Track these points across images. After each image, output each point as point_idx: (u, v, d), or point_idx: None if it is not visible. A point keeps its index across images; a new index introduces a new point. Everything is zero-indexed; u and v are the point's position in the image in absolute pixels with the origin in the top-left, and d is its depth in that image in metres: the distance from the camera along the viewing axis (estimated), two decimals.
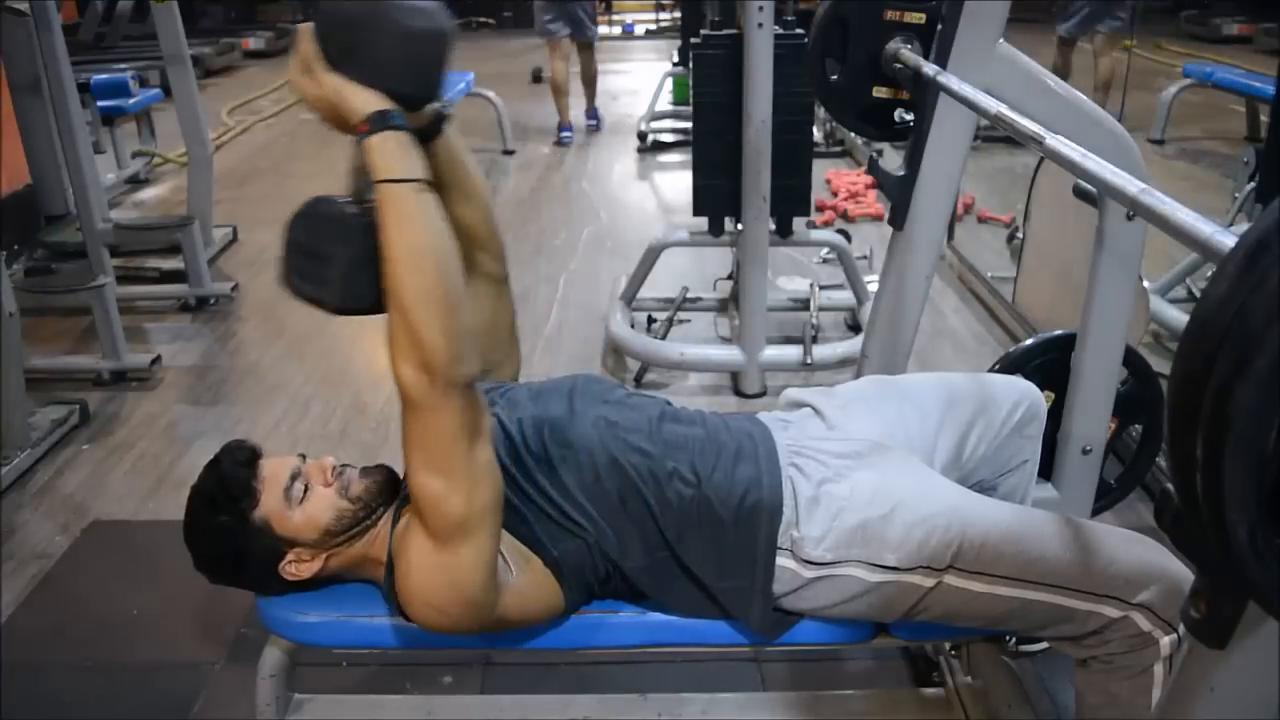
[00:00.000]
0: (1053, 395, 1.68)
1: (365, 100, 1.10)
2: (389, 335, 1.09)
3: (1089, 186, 1.14)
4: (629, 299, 3.33)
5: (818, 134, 5.30)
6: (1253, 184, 3.13)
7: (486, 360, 1.47)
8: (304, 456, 1.35)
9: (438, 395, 1.08)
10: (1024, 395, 1.52)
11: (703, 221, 3.16)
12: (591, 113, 6.61)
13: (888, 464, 1.34)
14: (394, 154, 1.09)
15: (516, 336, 1.59)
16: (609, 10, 11.29)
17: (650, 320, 3.41)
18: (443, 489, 1.11)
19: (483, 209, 1.41)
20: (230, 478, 1.30)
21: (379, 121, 1.09)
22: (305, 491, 1.31)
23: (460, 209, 1.33)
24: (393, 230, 1.08)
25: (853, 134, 5.28)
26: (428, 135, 1.25)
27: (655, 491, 1.28)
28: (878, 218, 4.48)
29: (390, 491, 1.34)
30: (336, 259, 1.14)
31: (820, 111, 4.03)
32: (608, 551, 1.28)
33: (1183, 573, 1.22)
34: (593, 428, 1.32)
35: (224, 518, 1.29)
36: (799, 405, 1.51)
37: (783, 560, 1.27)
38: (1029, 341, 1.80)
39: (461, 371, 1.08)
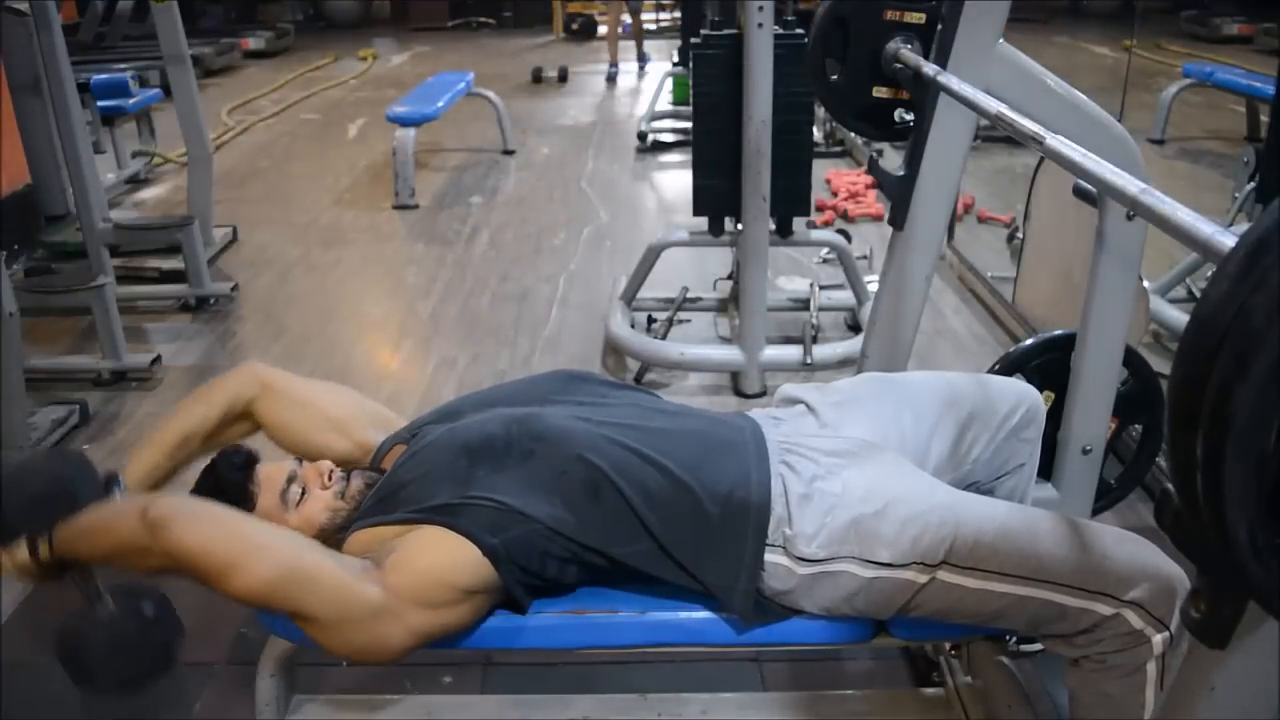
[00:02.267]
0: (1053, 395, 1.68)
1: (19, 555, 1.24)
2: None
3: (1089, 186, 1.14)
4: (629, 299, 3.33)
5: (818, 134, 5.29)
6: (1253, 184, 3.13)
7: (312, 444, 1.49)
8: (300, 461, 1.36)
9: (157, 546, 1.15)
10: (1023, 398, 1.52)
11: (703, 221, 3.16)
12: (642, 57, 8.72)
13: (879, 462, 1.34)
14: (44, 553, 1.23)
15: (326, 408, 1.54)
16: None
17: (650, 320, 3.41)
18: (239, 579, 1.15)
19: (193, 432, 1.46)
20: (227, 482, 1.31)
21: (34, 559, 1.24)
22: (302, 495, 1.31)
23: (193, 448, 1.46)
24: (81, 549, 1.22)
25: (853, 134, 5.28)
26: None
27: (633, 483, 1.27)
28: (878, 218, 4.48)
29: None
30: (92, 638, 1.26)
31: (820, 111, 4.03)
32: (582, 540, 1.26)
33: (1175, 571, 1.22)
34: (565, 421, 1.33)
35: None
36: (794, 402, 1.51)
37: (776, 557, 1.27)
38: (1029, 341, 1.80)
39: (149, 517, 1.16)
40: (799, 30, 2.89)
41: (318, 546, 1.23)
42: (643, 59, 8.77)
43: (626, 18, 10.72)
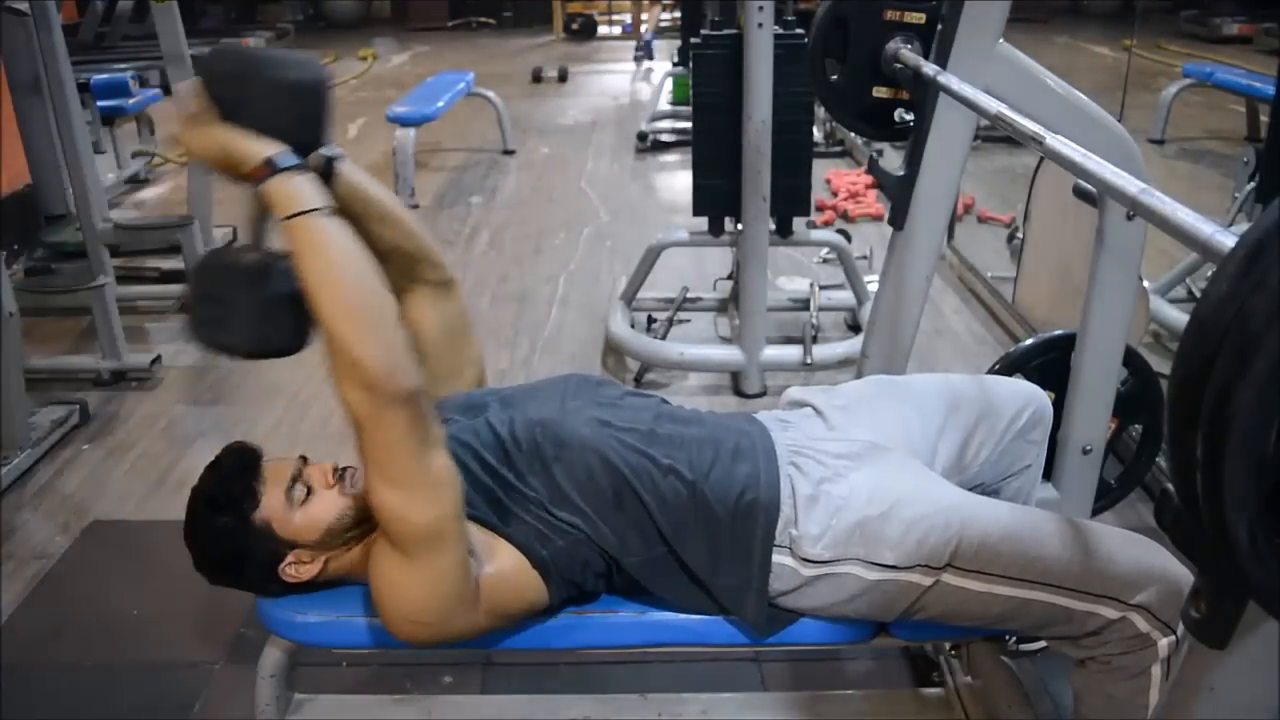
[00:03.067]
0: (1053, 395, 1.68)
1: (258, 147, 1.13)
2: (328, 360, 1.10)
3: (1089, 186, 1.14)
4: (629, 299, 3.33)
5: (818, 134, 5.29)
6: (1253, 184, 3.13)
7: (445, 366, 1.49)
8: (305, 459, 1.35)
9: (383, 410, 1.09)
10: (1029, 399, 1.52)
11: (703, 221, 3.16)
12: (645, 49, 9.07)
13: (886, 464, 1.34)
14: (291, 191, 1.12)
15: (474, 340, 1.57)
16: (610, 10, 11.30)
17: (650, 320, 3.41)
18: (403, 501, 1.13)
19: (403, 225, 1.41)
20: (231, 479, 1.30)
21: (273, 165, 1.12)
22: (308, 494, 1.31)
23: (379, 232, 1.35)
24: (307, 259, 1.10)
25: (853, 134, 5.28)
26: (322, 178, 1.26)
27: (651, 489, 1.28)
28: (878, 218, 4.48)
29: None
30: (238, 304, 1.18)
31: (820, 111, 4.03)
32: (605, 548, 1.28)
33: (1182, 574, 1.22)
34: (586, 426, 1.32)
35: (225, 519, 1.29)
36: (800, 405, 1.51)
37: (782, 558, 1.27)
38: (1029, 341, 1.81)
39: (401, 384, 1.09)
40: (799, 30, 2.89)
41: (464, 518, 1.20)
42: (644, 51, 8.99)
43: (628, 17, 10.74)
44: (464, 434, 1.34)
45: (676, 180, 5.31)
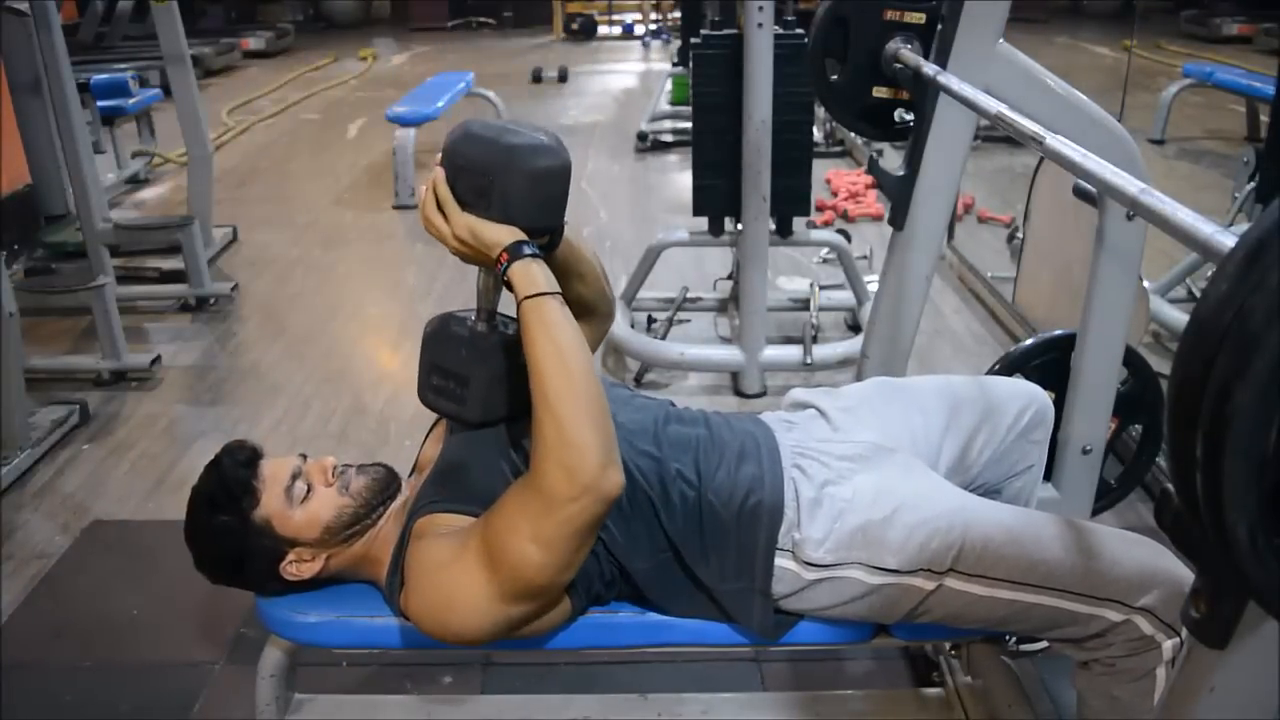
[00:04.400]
0: (1052, 395, 1.68)
1: (501, 235, 1.15)
2: (539, 437, 1.11)
3: (1089, 186, 1.14)
4: (629, 299, 3.33)
5: (818, 134, 5.29)
6: (1253, 184, 3.13)
7: None
8: (305, 456, 1.35)
9: (579, 497, 1.08)
10: (1031, 400, 1.51)
11: (703, 221, 3.16)
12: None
13: (890, 467, 1.33)
14: (533, 275, 1.14)
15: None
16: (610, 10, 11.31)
17: (650, 320, 3.41)
18: (540, 560, 1.11)
19: (595, 282, 1.42)
20: (231, 478, 1.30)
21: (516, 252, 1.14)
22: (307, 491, 1.31)
23: (579, 289, 1.37)
24: (539, 338, 1.12)
25: (853, 134, 5.28)
26: (551, 246, 1.28)
27: (660, 493, 1.28)
28: (878, 218, 4.48)
29: (388, 489, 1.34)
30: (475, 379, 1.22)
31: (820, 111, 4.03)
32: (615, 554, 1.28)
33: (1185, 576, 1.21)
34: None
35: (225, 517, 1.29)
36: (804, 406, 1.51)
37: (784, 562, 1.27)
38: (1029, 341, 1.81)
39: (610, 480, 1.09)
40: (799, 30, 2.89)
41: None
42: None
43: (628, 17, 10.77)
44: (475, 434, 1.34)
45: (676, 180, 5.31)
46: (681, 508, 1.28)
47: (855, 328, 3.31)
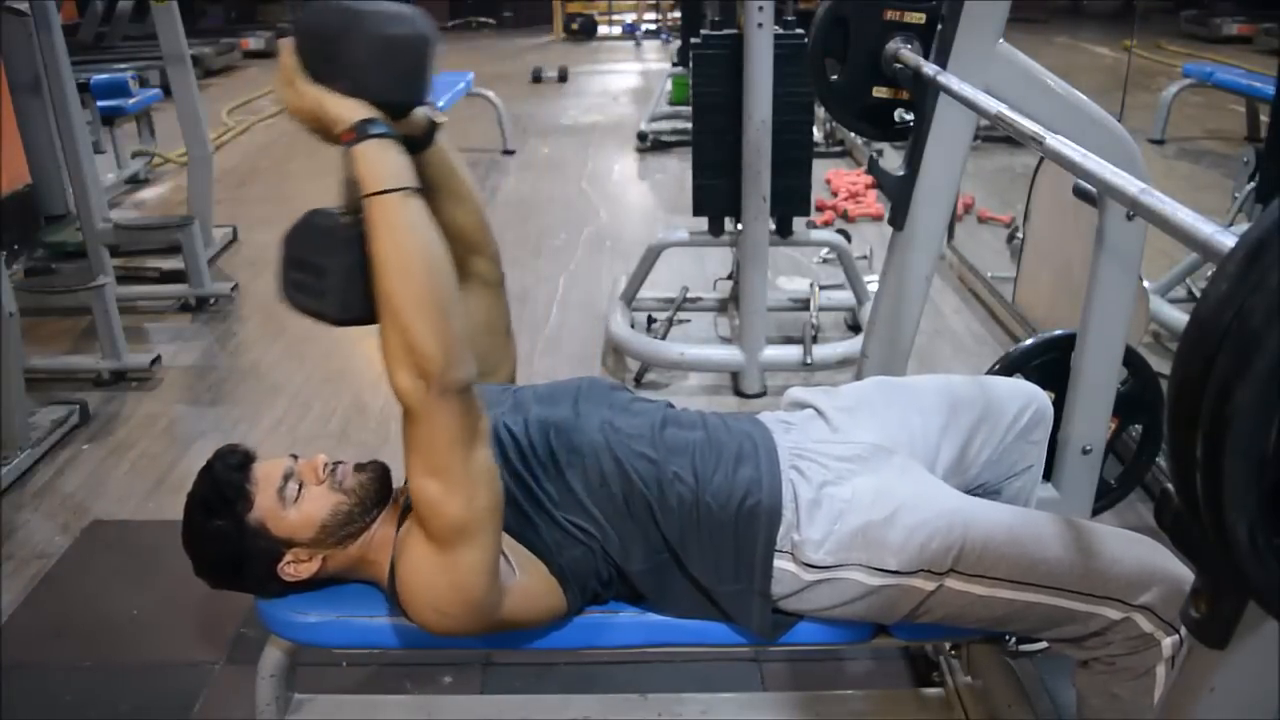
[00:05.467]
0: (1052, 395, 1.68)
1: (348, 109, 1.10)
2: (383, 342, 1.09)
3: (1089, 186, 1.14)
4: (629, 299, 3.33)
5: (818, 134, 5.29)
6: (1253, 184, 3.13)
7: (483, 363, 1.46)
8: (295, 457, 1.36)
9: (434, 400, 1.08)
10: (1030, 400, 1.51)
11: (703, 221, 3.16)
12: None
13: (889, 468, 1.33)
14: (379, 162, 1.09)
15: (512, 338, 1.58)
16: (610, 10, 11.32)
17: (650, 320, 3.41)
18: (441, 492, 1.12)
19: (475, 213, 1.41)
20: (224, 481, 1.30)
21: (362, 130, 1.09)
22: (299, 490, 1.31)
23: (453, 214, 1.34)
24: (382, 238, 1.08)
25: (853, 134, 5.28)
26: (420, 144, 1.24)
27: (657, 495, 1.28)
28: (878, 218, 4.48)
29: (385, 488, 1.34)
30: (331, 271, 1.15)
31: (820, 111, 4.03)
32: (612, 555, 1.28)
33: (1184, 574, 1.22)
34: (598, 432, 1.32)
35: (219, 522, 1.29)
36: (802, 406, 1.51)
37: (783, 563, 1.27)
38: (1029, 341, 1.80)
39: (457, 376, 1.08)
40: (799, 30, 2.89)
41: (500, 520, 1.19)
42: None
43: (627, 18, 10.77)
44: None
45: (676, 180, 5.30)
46: (679, 510, 1.28)
47: (855, 328, 3.31)
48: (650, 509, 1.28)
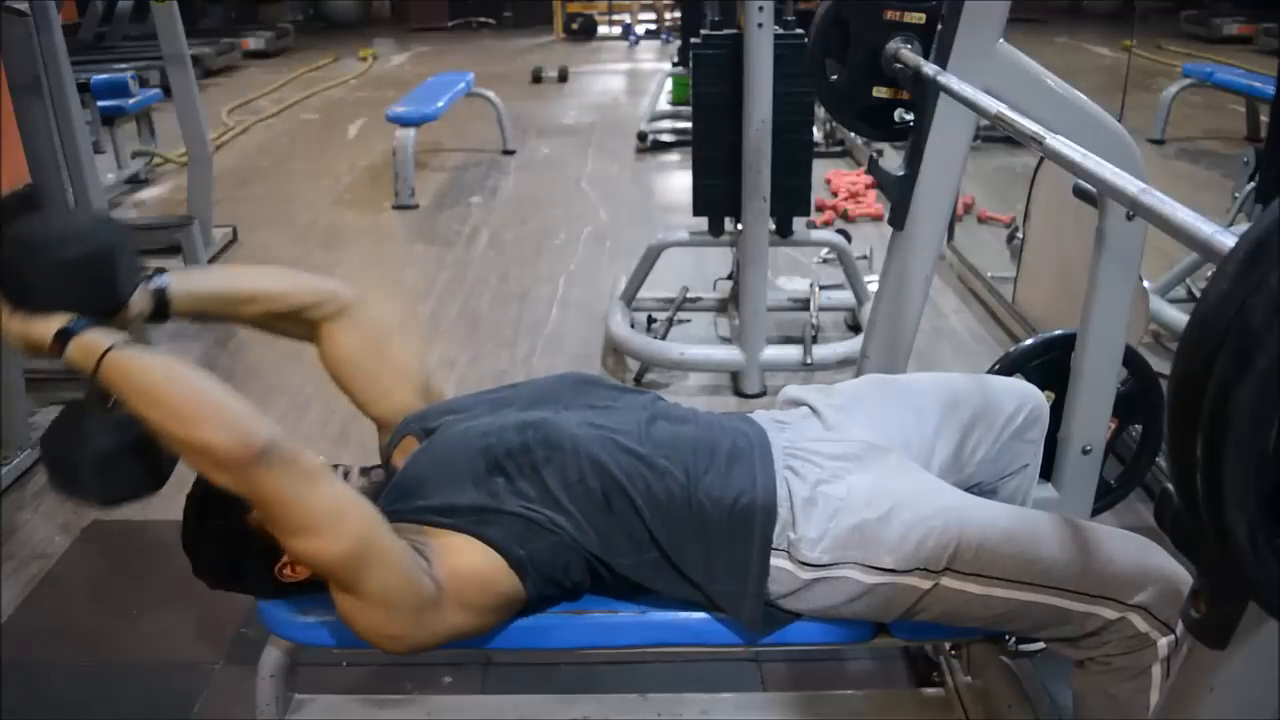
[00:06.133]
0: (1053, 395, 1.68)
1: (45, 327, 1.15)
2: (186, 462, 1.14)
3: (1089, 186, 1.14)
4: (629, 299, 3.33)
5: (818, 134, 5.29)
6: (1253, 184, 3.13)
7: (374, 387, 1.47)
8: None
9: (248, 476, 1.10)
10: (1026, 399, 1.51)
11: (703, 221, 3.16)
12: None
13: (884, 466, 1.33)
14: (84, 347, 1.14)
15: (400, 351, 1.52)
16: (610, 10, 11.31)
17: (650, 320, 3.41)
18: (311, 544, 1.13)
19: (267, 296, 1.42)
20: None
21: (63, 337, 1.14)
22: None
23: (249, 312, 1.40)
24: (126, 395, 1.13)
25: (853, 134, 5.28)
26: (158, 316, 1.30)
27: (643, 491, 1.27)
28: (878, 218, 4.48)
29: (382, 491, 1.34)
30: (80, 460, 1.20)
31: (820, 111, 4.03)
32: (590, 550, 1.27)
33: (1180, 574, 1.22)
34: (579, 427, 1.32)
35: (217, 522, 1.29)
36: (797, 404, 1.51)
37: (779, 562, 1.27)
38: (1029, 341, 1.80)
39: (250, 445, 1.09)
40: (799, 30, 2.89)
41: (387, 526, 1.20)
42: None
43: (628, 17, 10.76)
44: (446, 440, 1.34)
45: (676, 180, 5.30)
46: (668, 506, 1.27)
47: (855, 328, 3.31)
48: (633, 504, 1.27)
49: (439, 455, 1.33)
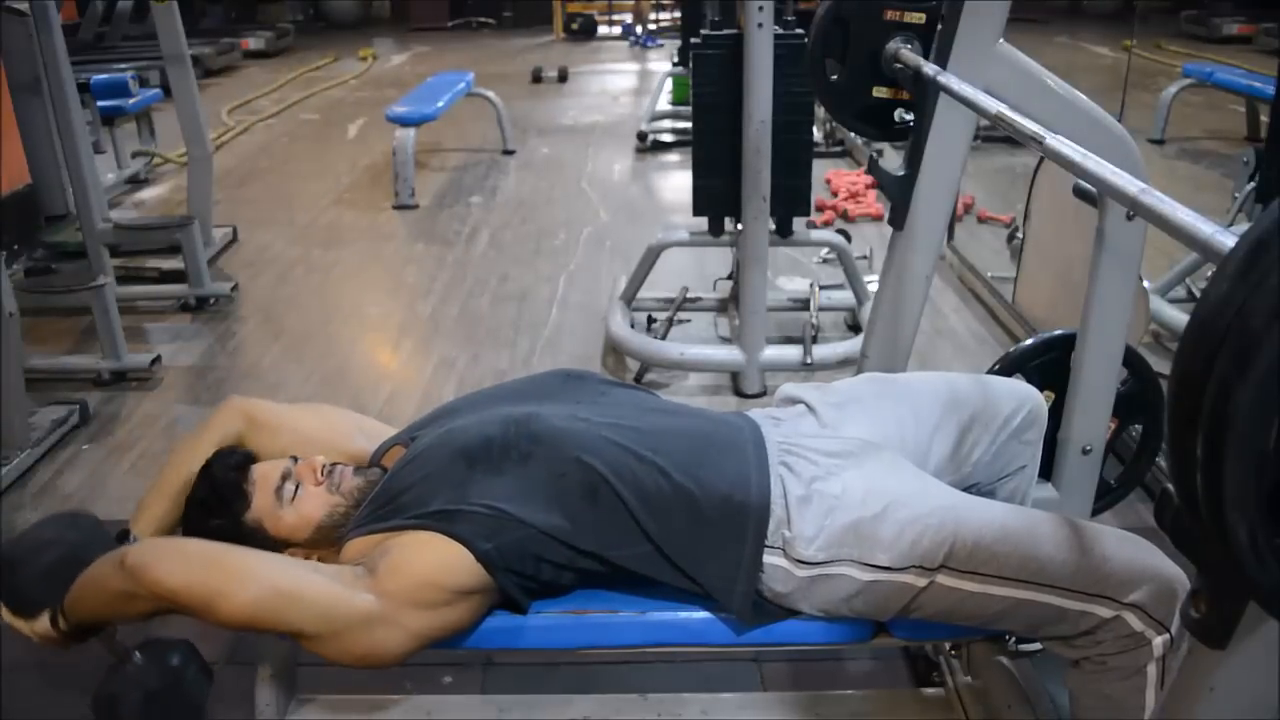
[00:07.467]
0: (1053, 395, 1.68)
1: (43, 624, 1.29)
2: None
3: (1089, 186, 1.14)
4: (629, 299, 3.33)
5: (818, 134, 5.29)
6: (1253, 184, 3.13)
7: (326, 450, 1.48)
8: (295, 458, 1.36)
9: (142, 591, 1.18)
10: (1024, 399, 1.51)
11: (703, 221, 3.16)
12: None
13: (878, 463, 1.33)
14: (75, 607, 1.26)
15: (306, 421, 1.54)
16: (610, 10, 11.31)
17: (650, 320, 3.41)
18: (230, 609, 1.17)
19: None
20: (222, 481, 1.31)
21: (56, 623, 1.28)
22: (296, 491, 1.31)
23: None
24: (91, 616, 1.26)
25: (853, 134, 5.28)
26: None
27: (631, 483, 1.27)
28: (878, 218, 4.48)
29: None
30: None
31: (820, 111, 4.03)
32: (579, 543, 1.26)
33: (1175, 573, 1.22)
34: (563, 421, 1.32)
35: (218, 522, 1.30)
36: (794, 401, 1.50)
37: (775, 559, 1.27)
38: (1029, 341, 1.80)
39: (124, 566, 1.18)
40: (799, 30, 2.89)
41: (300, 563, 1.25)
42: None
43: (628, 17, 10.76)
44: (429, 444, 1.34)
45: (676, 180, 5.30)
46: (657, 499, 1.27)
47: (855, 328, 3.31)
48: (619, 496, 1.26)
49: (420, 460, 1.33)
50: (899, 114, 1.67)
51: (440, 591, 1.22)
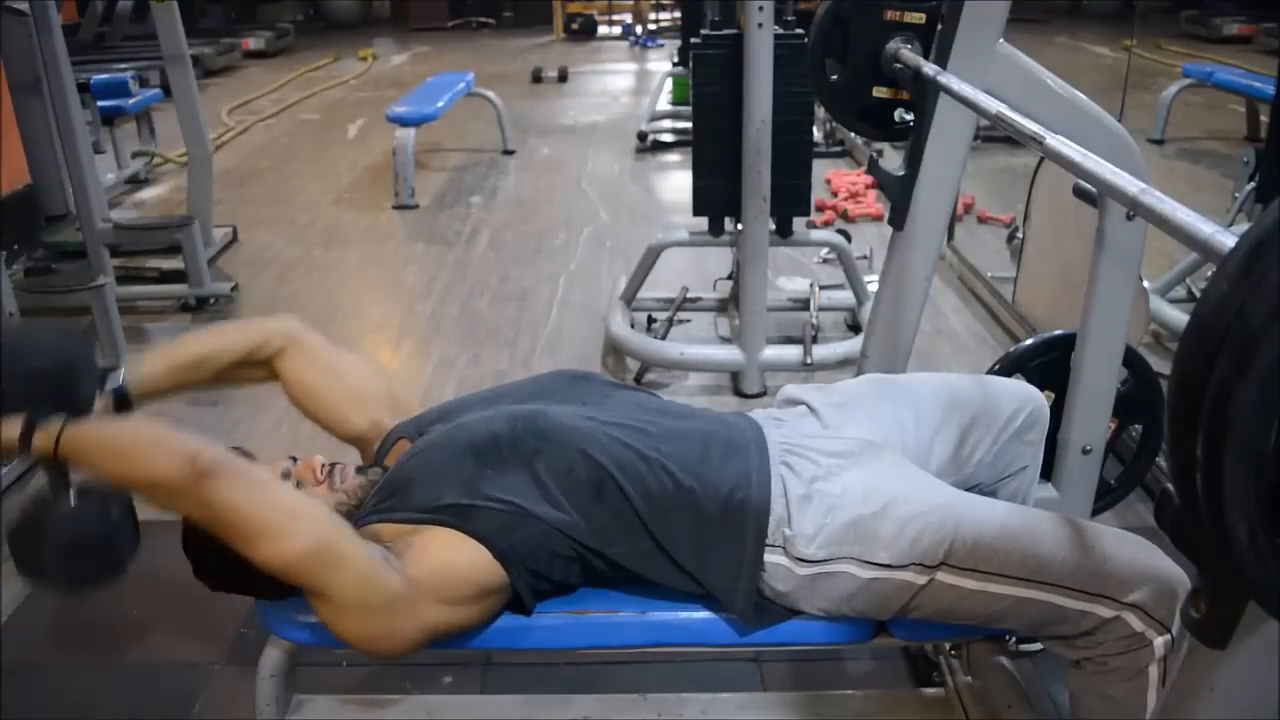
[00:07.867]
0: (1053, 395, 1.68)
1: (11, 428, 1.19)
2: (150, 503, 1.19)
3: (1089, 186, 1.14)
4: (629, 299, 3.33)
5: (818, 134, 5.29)
6: (1253, 184, 3.13)
7: (334, 412, 1.50)
8: (294, 459, 1.36)
9: (201, 494, 1.12)
10: (1026, 400, 1.51)
11: (703, 221, 3.16)
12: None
13: (879, 463, 1.34)
14: (46, 436, 1.19)
15: (353, 376, 1.54)
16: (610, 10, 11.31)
17: (650, 320, 3.41)
18: (272, 547, 1.14)
19: (217, 356, 1.47)
20: None
21: (27, 433, 1.20)
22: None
23: (207, 375, 1.47)
24: (86, 461, 1.19)
25: (853, 134, 5.28)
26: (123, 408, 1.39)
27: (635, 481, 1.27)
28: (878, 218, 4.48)
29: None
30: (45, 555, 1.24)
31: (820, 111, 4.03)
32: (580, 540, 1.27)
33: (1176, 573, 1.22)
34: (570, 419, 1.33)
35: None
36: (795, 402, 1.51)
37: (776, 558, 1.27)
38: (1029, 341, 1.80)
39: (194, 464, 1.12)
40: (799, 30, 2.89)
41: (349, 527, 1.22)
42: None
43: (628, 17, 10.76)
44: (436, 439, 1.35)
45: (676, 180, 5.30)
46: (660, 498, 1.27)
47: (855, 328, 3.31)
48: (624, 494, 1.26)
49: (427, 454, 1.34)
50: (899, 114, 1.67)
51: (467, 587, 1.23)
